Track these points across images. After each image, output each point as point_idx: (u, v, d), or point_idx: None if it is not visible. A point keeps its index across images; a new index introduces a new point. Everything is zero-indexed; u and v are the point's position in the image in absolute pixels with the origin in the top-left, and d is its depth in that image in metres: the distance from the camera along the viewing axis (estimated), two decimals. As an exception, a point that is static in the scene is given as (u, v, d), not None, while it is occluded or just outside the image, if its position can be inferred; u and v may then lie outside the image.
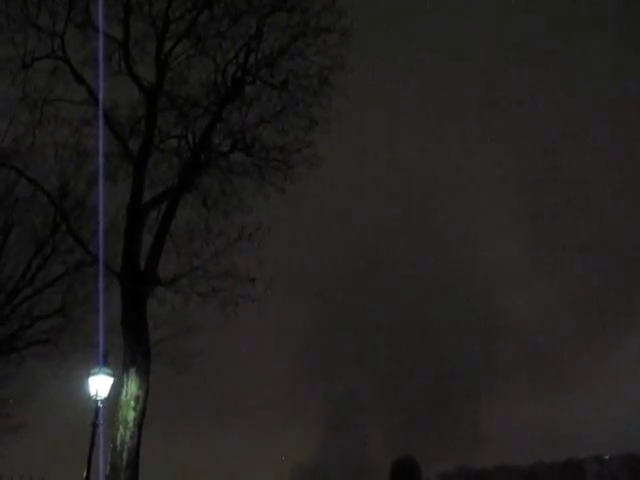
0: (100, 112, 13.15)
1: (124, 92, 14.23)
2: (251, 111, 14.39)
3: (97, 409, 13.59)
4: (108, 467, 11.13)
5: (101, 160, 12.88)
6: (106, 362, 14.00)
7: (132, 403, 11.57)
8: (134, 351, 11.92)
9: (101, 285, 11.95)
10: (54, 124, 13.88)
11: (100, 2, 12.94)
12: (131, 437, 11.33)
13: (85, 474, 12.51)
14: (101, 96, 13.15)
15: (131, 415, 11.49)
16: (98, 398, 13.64)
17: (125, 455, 11.11)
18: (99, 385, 13.67)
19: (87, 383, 13.87)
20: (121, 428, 11.36)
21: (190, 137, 14.28)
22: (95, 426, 13.29)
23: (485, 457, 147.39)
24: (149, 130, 13.80)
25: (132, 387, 11.68)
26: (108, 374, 13.83)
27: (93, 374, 13.87)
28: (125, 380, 11.78)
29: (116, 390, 12.59)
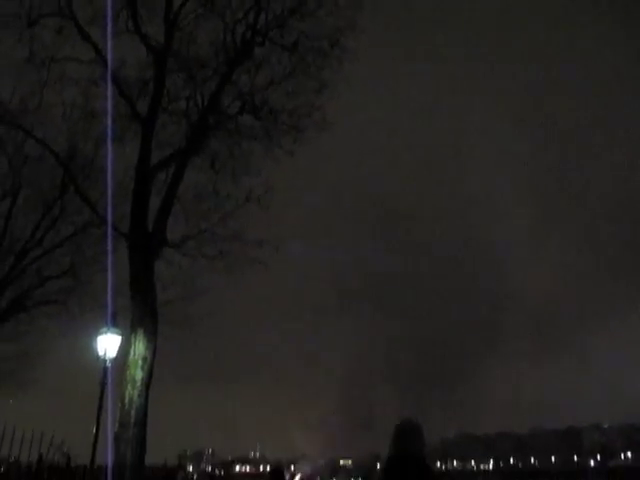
0: (109, 72, 12.98)
1: (132, 52, 14.05)
2: (260, 73, 14.18)
3: (105, 368, 13.78)
4: (117, 424, 11.35)
5: (109, 120, 12.77)
6: (114, 322, 14.14)
7: (140, 363, 11.73)
8: (142, 312, 12.04)
9: (110, 246, 12.00)
10: (61, 84, 13.78)
11: (107, -42, 12.66)
12: (139, 396, 11.52)
13: (94, 431, 12.77)
14: (110, 56, 12.97)
15: (139, 374, 11.66)
16: (106, 358, 13.82)
17: (133, 413, 11.32)
18: (107, 345, 13.84)
19: (96, 343, 14.04)
20: (129, 387, 11.55)
21: (199, 99, 14.11)
22: (103, 385, 13.51)
23: (486, 424, 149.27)
24: (157, 91, 13.66)
25: (140, 347, 11.83)
26: (116, 334, 13.98)
27: (101, 334, 14.03)
28: (133, 340, 11.92)
29: (124, 350, 12.76)
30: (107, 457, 11.33)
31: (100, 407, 13.31)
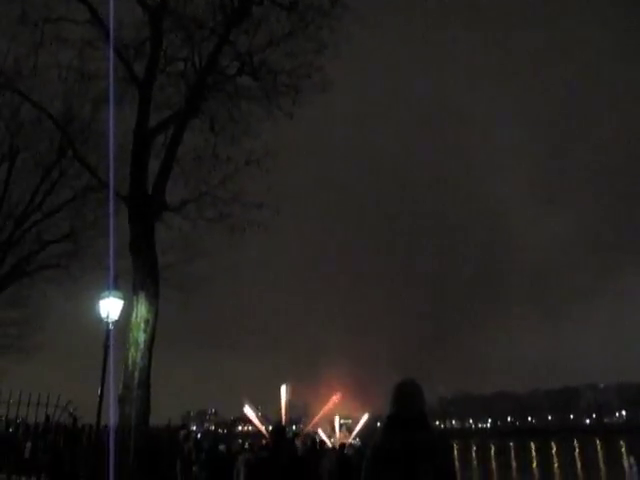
0: (111, 33, 12.67)
1: (128, 13, 13.73)
2: (259, 33, 13.86)
3: (108, 331, 13.90)
4: (121, 386, 11.52)
5: (111, 80, 12.54)
6: (116, 285, 14.20)
7: (142, 325, 11.85)
8: (143, 275, 12.09)
9: (112, 208, 11.95)
10: (56, 45, 13.52)
11: None
12: (142, 358, 11.67)
13: (99, 392, 12.97)
14: (112, 15, 12.65)
15: (141, 337, 11.79)
16: (109, 320, 13.92)
17: (137, 375, 11.49)
18: (110, 308, 13.92)
19: (98, 306, 14.12)
20: (132, 349, 11.69)
21: (196, 60, 13.86)
22: (107, 347, 13.64)
23: (484, 384, 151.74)
24: (154, 52, 13.43)
25: (142, 310, 11.92)
26: (118, 297, 14.06)
27: (104, 297, 14.09)
28: (135, 303, 12.01)
29: (126, 313, 12.86)
30: (109, 418, 11.54)
31: (104, 369, 13.48)
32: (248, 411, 72.00)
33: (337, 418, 74.85)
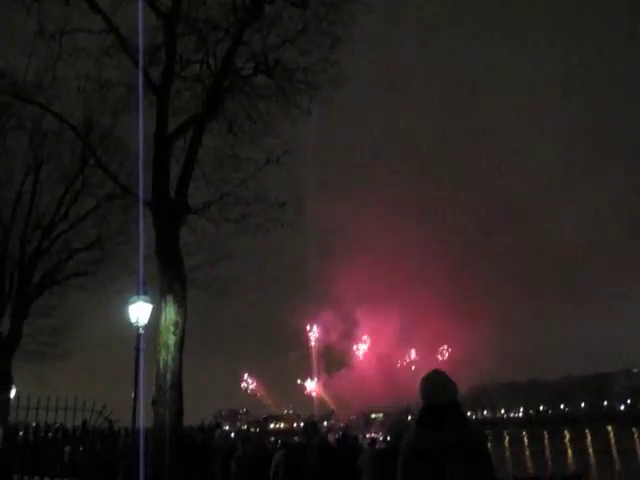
0: (140, 41, 12.75)
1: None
2: (272, 32, 13.89)
3: (138, 335, 14.05)
4: (154, 388, 11.67)
5: (140, 88, 12.66)
6: (145, 290, 14.35)
7: (172, 328, 11.99)
8: (170, 278, 12.22)
9: (141, 213, 12.08)
10: (74, 56, 13.73)
11: None
12: (173, 360, 11.82)
13: (133, 395, 13.14)
14: (141, 25, 12.74)
15: (171, 340, 11.93)
16: (139, 325, 14.07)
17: (169, 377, 11.63)
18: (139, 312, 14.06)
19: (127, 311, 14.29)
20: (163, 352, 11.83)
21: (212, 62, 13.94)
22: (137, 351, 13.81)
23: (516, 372, 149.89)
24: (169, 57, 13.52)
25: (171, 313, 12.06)
26: (147, 301, 14.20)
27: (132, 302, 14.25)
28: (163, 307, 12.15)
29: (156, 316, 13.00)
30: (139, 420, 11.67)
31: (137, 373, 13.65)
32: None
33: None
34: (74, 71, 14.09)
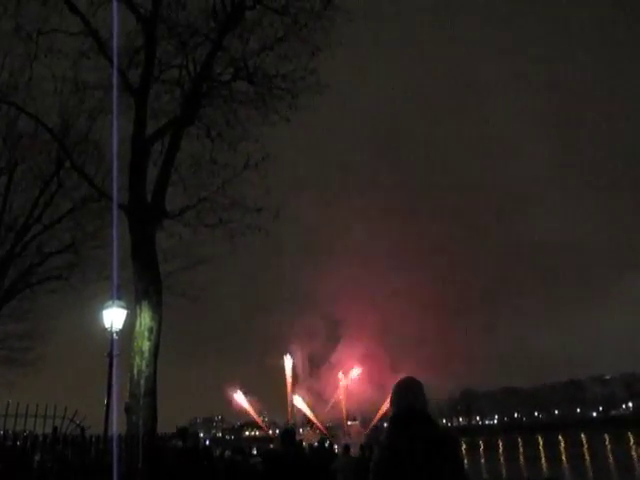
0: (114, 41, 12.67)
1: (121, 21, 13.75)
2: (252, 38, 13.93)
3: (112, 341, 13.87)
4: (128, 395, 11.52)
5: (115, 89, 12.58)
6: (119, 295, 14.17)
7: (146, 334, 11.86)
8: (146, 284, 12.10)
9: (115, 217, 11.95)
10: (51, 57, 13.55)
11: None
12: (147, 366, 11.69)
13: (106, 402, 12.95)
14: (116, 26, 12.67)
15: (146, 345, 11.80)
16: (113, 330, 13.88)
17: (143, 383, 11.50)
18: (113, 317, 13.88)
19: (101, 316, 14.09)
20: (137, 358, 11.70)
21: (191, 66, 13.92)
22: (111, 357, 13.62)
23: (490, 379, 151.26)
24: (148, 60, 13.45)
25: (145, 318, 11.94)
26: (122, 306, 14.03)
27: (107, 307, 14.06)
28: (138, 312, 12.03)
29: (130, 322, 12.85)
30: (113, 427, 11.49)
31: (110, 379, 13.46)
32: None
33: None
34: (51, 72, 13.89)
